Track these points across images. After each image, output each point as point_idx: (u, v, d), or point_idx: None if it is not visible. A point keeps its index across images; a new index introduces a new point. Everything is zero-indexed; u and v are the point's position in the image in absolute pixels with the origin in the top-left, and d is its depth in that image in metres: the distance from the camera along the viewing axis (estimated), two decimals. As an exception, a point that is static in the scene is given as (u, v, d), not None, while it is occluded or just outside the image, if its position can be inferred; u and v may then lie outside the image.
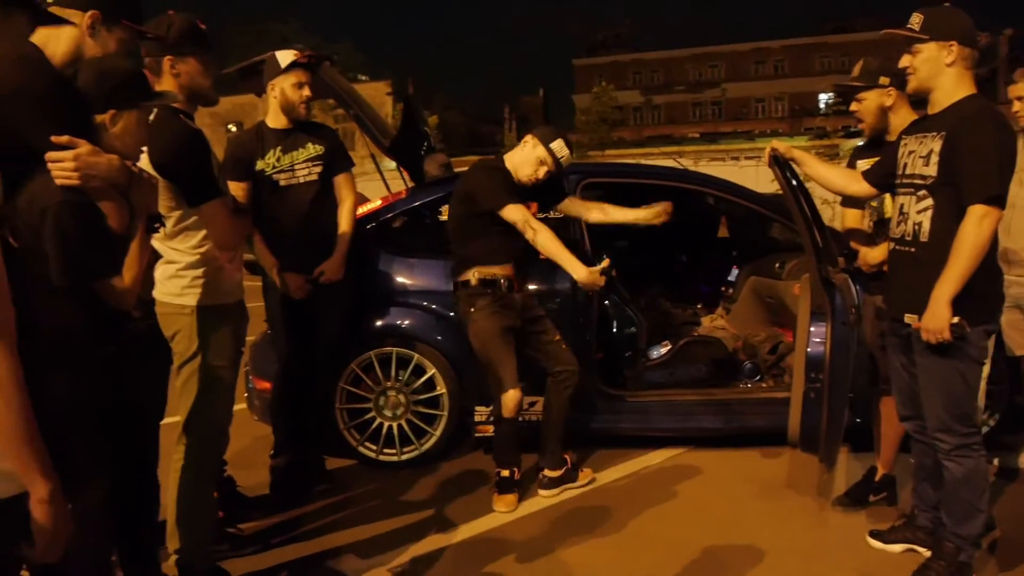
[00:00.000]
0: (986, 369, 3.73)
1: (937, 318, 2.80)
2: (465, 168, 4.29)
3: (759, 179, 7.74)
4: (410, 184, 4.95)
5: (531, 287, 4.44)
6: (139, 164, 2.43)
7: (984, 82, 3.71)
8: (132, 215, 2.32)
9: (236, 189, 3.83)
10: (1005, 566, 3.23)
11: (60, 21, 2.06)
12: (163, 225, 2.67)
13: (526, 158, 3.97)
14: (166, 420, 2.91)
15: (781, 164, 3.45)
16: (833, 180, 3.50)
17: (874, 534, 3.44)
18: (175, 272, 2.91)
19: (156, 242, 2.85)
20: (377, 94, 33.66)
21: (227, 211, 2.90)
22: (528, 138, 4.04)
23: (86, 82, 2.23)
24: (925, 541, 3.26)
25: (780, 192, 3.70)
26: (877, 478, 3.86)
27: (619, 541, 3.54)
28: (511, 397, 3.84)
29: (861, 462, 4.23)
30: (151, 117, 2.55)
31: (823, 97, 51.57)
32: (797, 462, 4.28)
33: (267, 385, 4.40)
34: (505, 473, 3.94)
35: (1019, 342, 3.97)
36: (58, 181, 2.04)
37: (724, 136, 41.91)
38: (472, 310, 3.89)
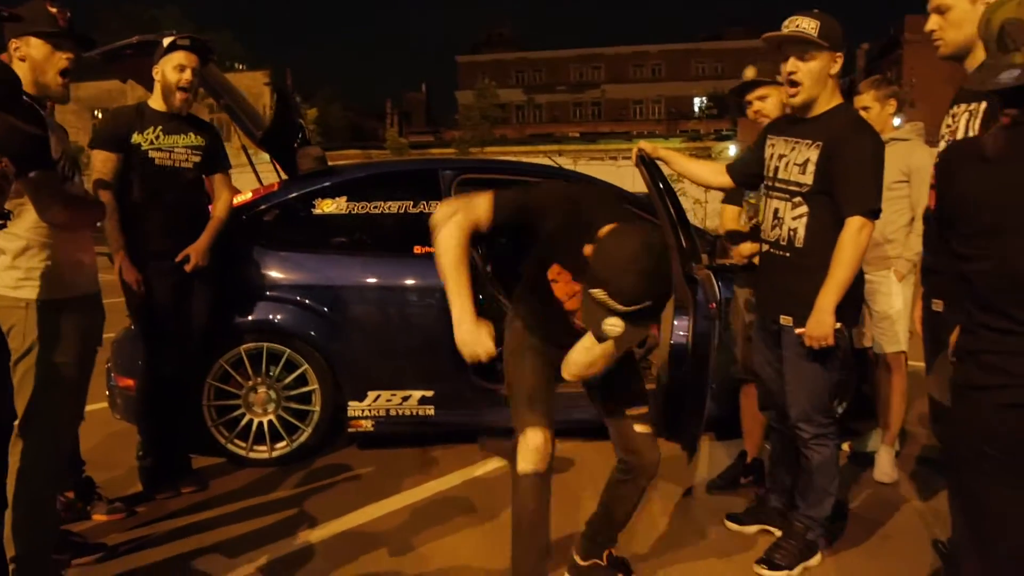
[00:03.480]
0: (834, 360, 3.98)
1: (823, 325, 2.93)
2: (345, 162, 4.24)
3: (636, 179, 7.94)
4: (283, 176, 4.85)
5: (408, 282, 4.45)
6: None
7: (844, 94, 3.95)
8: None
9: (105, 159, 3.71)
10: (853, 542, 3.46)
11: None
12: (8, 219, 2.52)
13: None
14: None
15: (648, 164, 3.56)
16: (699, 174, 3.63)
17: (731, 517, 3.60)
18: (10, 262, 2.72)
19: None
20: (255, 84, 32.66)
21: (53, 186, 2.71)
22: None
23: None
24: (776, 521, 3.43)
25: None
26: (748, 461, 4.06)
27: (489, 531, 3.57)
28: (527, 441, 2.68)
29: (725, 448, 4.44)
30: None
31: (697, 101, 53.63)
32: (666, 450, 4.43)
33: (130, 382, 4.23)
34: None
35: (865, 334, 4.26)
36: None
37: (603, 136, 42.81)
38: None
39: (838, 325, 2.94)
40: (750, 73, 3.77)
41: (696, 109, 51.79)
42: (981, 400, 1.83)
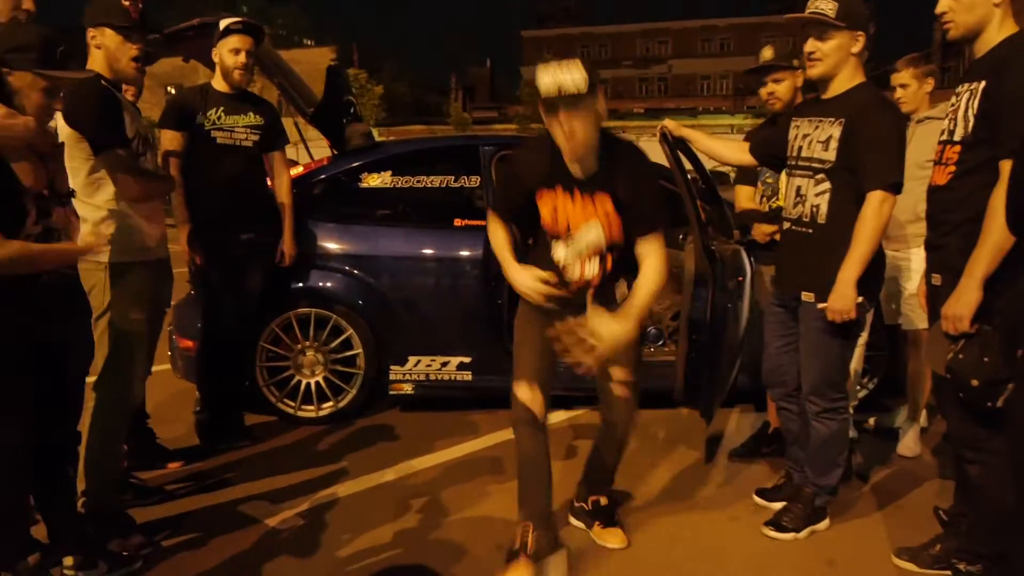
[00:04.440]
0: (865, 336, 4.07)
1: (845, 299, 2.98)
2: (407, 138, 4.45)
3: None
4: (333, 151, 5.10)
5: (449, 253, 4.64)
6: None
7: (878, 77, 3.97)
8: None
9: (172, 138, 4.00)
10: (866, 511, 3.59)
11: None
12: (71, 198, 2.79)
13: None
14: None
15: (670, 142, 3.68)
16: (722, 152, 3.74)
17: (759, 492, 3.69)
18: (91, 230, 3.05)
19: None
20: (323, 60, 33.03)
21: (126, 163, 3.06)
22: None
23: None
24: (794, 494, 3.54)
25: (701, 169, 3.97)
26: (769, 431, 4.18)
27: (513, 488, 3.73)
28: (516, 394, 2.97)
29: (755, 419, 4.57)
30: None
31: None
32: (694, 420, 4.58)
33: (190, 344, 4.54)
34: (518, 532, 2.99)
35: (896, 311, 4.31)
36: None
37: (669, 112, 42.37)
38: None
39: (860, 299, 2.98)
40: (767, 54, 3.84)
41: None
42: None
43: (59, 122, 2.96)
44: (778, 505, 3.57)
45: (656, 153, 5.38)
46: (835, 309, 3.02)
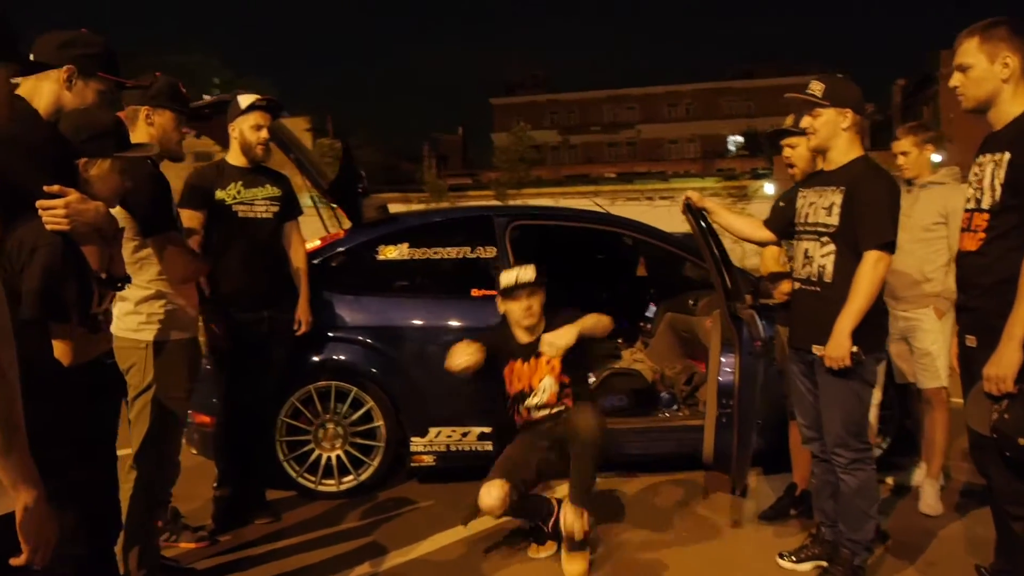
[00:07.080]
0: (878, 396, 4.15)
1: (839, 347, 3.18)
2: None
3: (672, 219, 8.14)
4: (346, 225, 5.16)
5: (466, 323, 4.68)
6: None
7: (879, 127, 4.16)
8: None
9: (192, 218, 3.97)
10: (900, 569, 3.62)
11: (43, 68, 2.27)
12: (128, 283, 2.82)
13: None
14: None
15: (694, 211, 3.82)
16: (739, 228, 3.90)
17: (783, 555, 3.69)
18: (132, 308, 3.09)
19: None
20: (295, 129, 33.23)
21: (179, 245, 3.10)
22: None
23: (65, 131, 2.42)
24: (830, 554, 3.55)
25: (691, 233, 4.08)
26: (797, 493, 4.21)
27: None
28: (483, 490, 3.71)
29: (773, 482, 4.59)
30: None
31: (731, 140, 54.00)
32: (712, 484, 4.61)
33: (206, 419, 4.51)
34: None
35: (907, 371, 4.42)
36: (48, 226, 2.16)
37: (639, 176, 43.22)
38: None
39: (855, 348, 3.17)
40: (788, 122, 4.03)
41: (731, 148, 52.04)
42: None
43: None
44: (806, 566, 3.62)
45: (639, 215, 5.59)
46: (831, 356, 3.22)
